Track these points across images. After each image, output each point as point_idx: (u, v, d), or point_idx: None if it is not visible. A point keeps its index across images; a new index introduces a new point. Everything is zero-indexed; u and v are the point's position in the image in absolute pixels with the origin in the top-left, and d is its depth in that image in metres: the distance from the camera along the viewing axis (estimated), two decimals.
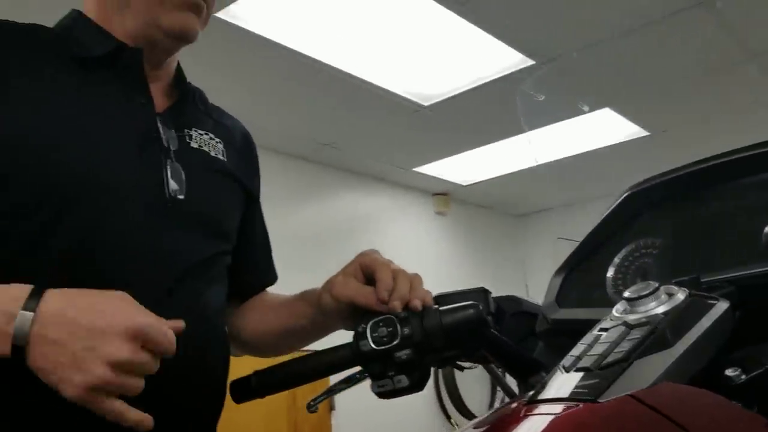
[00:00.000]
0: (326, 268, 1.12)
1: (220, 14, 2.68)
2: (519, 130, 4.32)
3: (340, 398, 4.32)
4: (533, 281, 6.14)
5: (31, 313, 0.67)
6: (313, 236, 4.58)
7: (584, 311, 1.02)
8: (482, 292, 1.00)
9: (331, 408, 4.26)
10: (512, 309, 1.22)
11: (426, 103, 3.85)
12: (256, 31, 2.96)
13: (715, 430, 0.61)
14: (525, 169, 5.12)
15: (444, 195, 5.79)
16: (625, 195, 1.10)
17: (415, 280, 0.90)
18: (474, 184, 5.52)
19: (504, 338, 0.94)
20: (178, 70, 1.01)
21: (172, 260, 0.87)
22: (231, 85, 3.35)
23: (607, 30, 3.17)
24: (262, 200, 1.15)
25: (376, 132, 4.28)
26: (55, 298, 0.69)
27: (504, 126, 4.18)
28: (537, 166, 5.08)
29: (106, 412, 0.67)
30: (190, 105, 0.99)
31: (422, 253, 5.54)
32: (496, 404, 5.27)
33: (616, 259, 1.08)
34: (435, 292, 0.97)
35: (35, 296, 0.68)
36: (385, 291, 0.86)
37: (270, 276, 1.16)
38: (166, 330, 0.71)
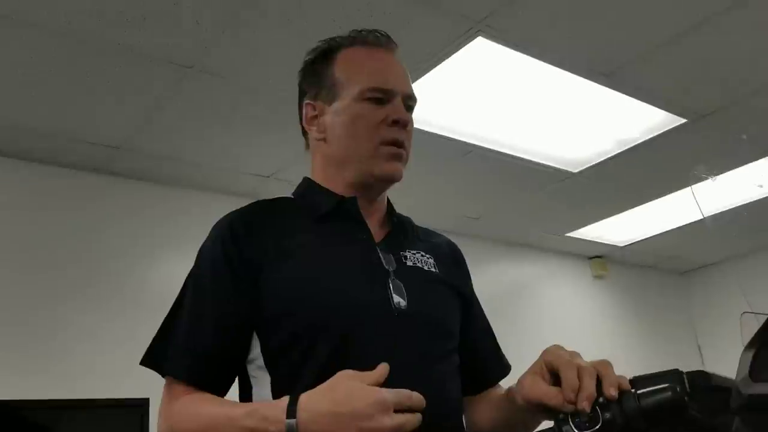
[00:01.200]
0: None
1: None
2: (675, 188, 4.23)
3: None
4: (705, 341, 5.79)
5: (293, 420, 0.88)
6: None
7: None
8: (678, 374, 1.03)
9: None
10: (703, 384, 1.23)
11: (575, 170, 3.88)
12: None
13: None
14: (686, 225, 4.94)
15: (601, 258, 5.68)
16: None
17: (603, 368, 0.92)
18: (632, 244, 5.38)
19: (702, 418, 0.96)
20: (389, 205, 1.23)
21: (408, 359, 1.03)
22: None
23: (759, 81, 3.09)
24: None
25: (526, 203, 4.35)
26: (309, 399, 0.89)
27: (658, 185, 4.10)
28: (699, 219, 4.88)
29: None
30: (401, 232, 1.19)
31: (583, 319, 5.42)
32: None
33: None
34: (628, 376, 1.01)
35: (293, 403, 0.89)
36: (571, 392, 0.89)
37: (500, 370, 1.27)
38: (406, 392, 0.90)
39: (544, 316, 5.18)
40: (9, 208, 3.24)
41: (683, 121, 3.36)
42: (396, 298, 1.07)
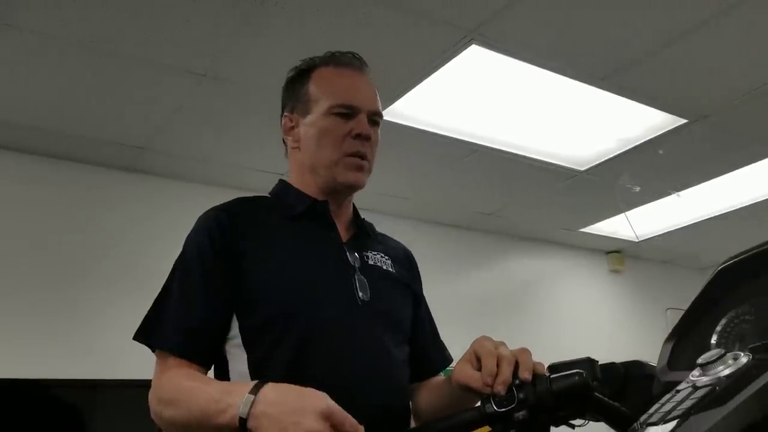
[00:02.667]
0: (499, 332, 1.36)
1: (387, 117, 3.09)
2: (691, 183, 4.29)
3: None
4: None
5: (253, 396, 0.98)
6: (482, 302, 4.74)
7: (687, 374, 1.14)
8: (589, 362, 1.17)
9: None
10: (638, 372, 1.37)
11: (581, 168, 3.97)
12: (416, 126, 3.36)
13: None
14: (703, 221, 4.98)
15: (617, 252, 5.73)
16: (718, 269, 1.23)
17: (521, 355, 1.04)
18: (649, 238, 5.41)
19: (605, 399, 1.10)
20: (354, 210, 1.38)
21: (368, 345, 1.19)
22: (399, 172, 3.81)
23: (757, 82, 3.15)
24: (434, 271, 1.47)
25: (537, 199, 4.45)
26: (270, 388, 1.00)
27: (663, 183, 4.17)
28: (716, 216, 4.92)
29: None
30: (364, 234, 1.35)
31: (598, 312, 5.48)
32: None
33: (718, 327, 1.20)
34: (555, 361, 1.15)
35: (258, 386, 1.00)
36: (489, 377, 1.02)
37: (442, 361, 1.42)
38: (350, 418, 0.95)
39: (561, 310, 5.25)
40: (45, 203, 3.50)
41: (683, 121, 3.43)
42: (360, 292, 1.23)
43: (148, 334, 1.19)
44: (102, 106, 3.09)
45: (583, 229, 5.12)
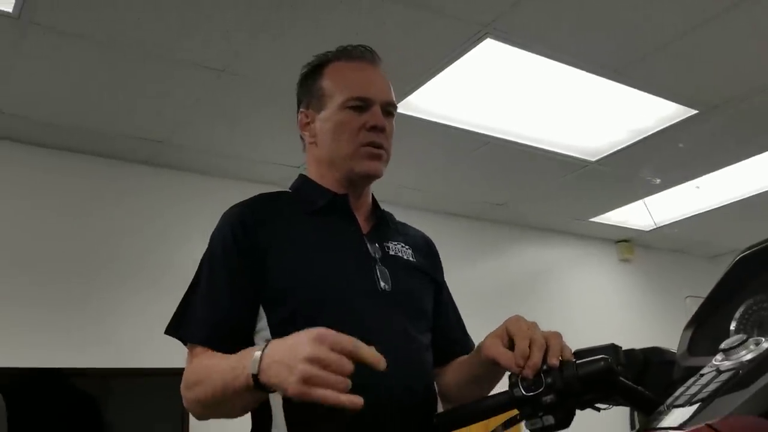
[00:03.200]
0: None
1: (401, 109, 3.13)
2: (692, 176, 4.33)
3: None
4: None
5: (260, 352, 1.02)
6: (493, 292, 4.78)
7: (708, 359, 1.19)
8: (613, 347, 1.21)
9: None
10: (657, 358, 1.42)
11: (593, 159, 4.01)
12: (430, 118, 3.40)
13: None
14: (713, 210, 5.01)
15: (627, 242, 5.77)
16: (738, 258, 1.27)
17: (552, 339, 1.07)
18: (659, 228, 5.45)
19: (629, 383, 1.15)
20: (374, 201, 1.41)
21: (391, 333, 1.22)
22: (411, 164, 3.85)
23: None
24: (444, 261, 1.50)
25: (547, 189, 4.49)
26: (275, 341, 1.04)
27: (674, 173, 4.21)
28: (726, 205, 4.95)
29: (320, 399, 0.93)
30: (384, 225, 1.38)
31: (608, 301, 5.52)
32: None
33: (737, 314, 1.25)
34: (577, 347, 1.19)
35: (266, 344, 1.04)
36: (521, 358, 1.06)
37: (466, 347, 1.44)
38: (345, 336, 0.97)
39: (571, 299, 5.29)
40: (64, 197, 3.56)
41: (694, 112, 3.46)
42: (381, 282, 1.26)
43: (177, 328, 1.25)
44: (121, 100, 3.14)
45: (593, 219, 5.16)
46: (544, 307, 5.00)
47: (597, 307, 5.35)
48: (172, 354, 1.29)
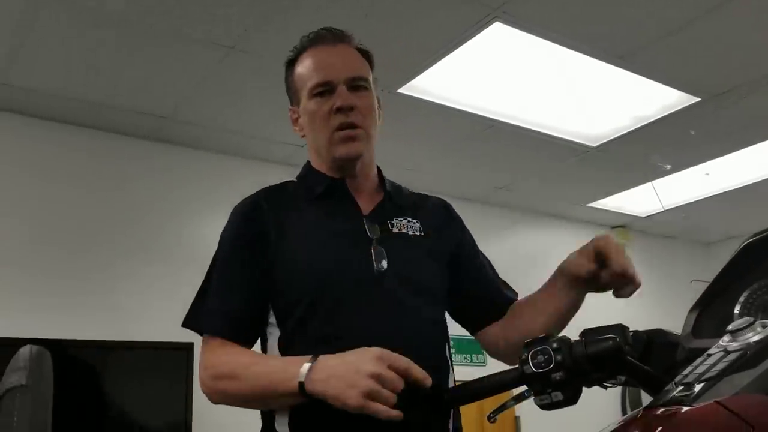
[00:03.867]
0: None
1: (404, 90, 3.17)
2: (692, 163, 4.37)
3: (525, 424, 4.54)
4: None
5: (310, 364, 1.10)
6: None
7: (712, 341, 1.23)
8: (620, 327, 1.25)
9: None
10: (660, 340, 1.46)
11: (594, 144, 4.04)
12: (436, 100, 3.41)
13: None
14: (708, 197, 5.07)
15: (623, 227, 5.82)
16: (744, 244, 1.31)
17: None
18: (654, 214, 5.50)
19: (637, 362, 1.18)
20: (381, 178, 1.40)
21: (391, 311, 1.24)
22: (416, 145, 3.87)
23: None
24: None
25: (549, 173, 4.54)
26: (328, 356, 1.11)
27: (674, 160, 4.24)
28: (721, 193, 5.00)
29: (375, 412, 1.04)
30: (389, 202, 1.37)
31: None
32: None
33: (741, 298, 1.29)
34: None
35: (316, 356, 1.11)
36: (620, 268, 1.20)
37: (509, 293, 1.45)
38: (400, 357, 1.07)
39: None
40: (70, 170, 3.58)
41: (696, 99, 3.49)
42: (377, 263, 1.26)
43: (195, 320, 1.29)
44: (128, 75, 3.15)
45: (590, 204, 5.20)
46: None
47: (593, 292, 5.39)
48: (178, 329, 1.32)
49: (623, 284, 1.27)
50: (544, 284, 1.35)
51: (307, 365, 1.10)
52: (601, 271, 1.25)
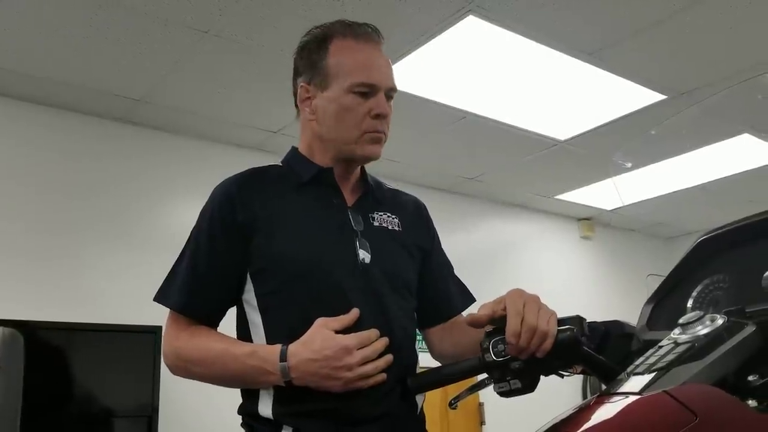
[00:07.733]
0: (476, 292, 1.51)
1: None
2: (661, 157, 4.45)
3: (489, 411, 4.63)
4: None
5: (285, 363, 1.17)
6: (461, 263, 4.85)
7: (664, 333, 1.28)
8: (578, 319, 1.29)
9: (482, 422, 4.57)
10: (617, 331, 1.51)
11: (562, 138, 4.11)
12: (408, 91, 3.46)
13: (718, 416, 0.85)
14: (671, 193, 5.18)
15: (588, 220, 5.94)
16: (699, 240, 1.37)
17: (544, 326, 1.14)
18: (619, 208, 5.61)
19: (593, 353, 1.22)
20: (363, 172, 1.43)
21: (371, 303, 1.28)
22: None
23: (736, 64, 3.30)
24: None
25: (517, 166, 4.60)
26: (295, 349, 1.18)
27: (642, 155, 4.32)
28: (683, 189, 5.12)
29: (364, 385, 1.17)
30: (370, 196, 1.40)
31: (569, 276, 5.70)
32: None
33: (694, 293, 1.34)
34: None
35: (284, 352, 1.18)
36: (512, 337, 1.11)
37: (465, 301, 1.50)
38: (365, 333, 1.18)
39: (534, 272, 5.46)
40: (41, 151, 3.54)
41: (663, 97, 3.58)
42: (361, 254, 1.29)
43: (164, 295, 1.31)
44: (100, 56, 3.12)
45: (557, 197, 5.29)
46: (509, 278, 5.13)
47: (559, 281, 5.52)
48: (146, 312, 1.34)
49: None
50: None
51: (284, 365, 1.17)
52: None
